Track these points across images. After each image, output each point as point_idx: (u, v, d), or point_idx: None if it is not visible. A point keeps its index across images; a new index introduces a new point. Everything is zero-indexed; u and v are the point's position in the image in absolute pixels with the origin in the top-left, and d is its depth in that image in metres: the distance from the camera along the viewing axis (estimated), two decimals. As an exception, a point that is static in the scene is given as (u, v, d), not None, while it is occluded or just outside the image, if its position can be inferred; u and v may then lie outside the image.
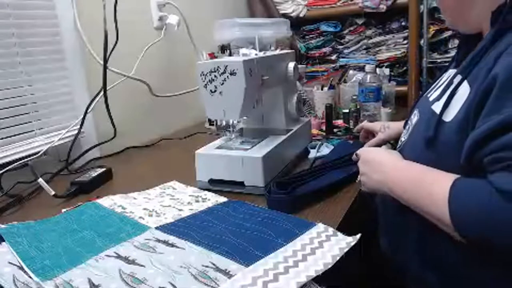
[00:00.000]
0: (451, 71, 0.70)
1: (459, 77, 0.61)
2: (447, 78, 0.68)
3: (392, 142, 1.10)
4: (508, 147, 0.49)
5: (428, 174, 0.59)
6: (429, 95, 0.70)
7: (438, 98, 0.64)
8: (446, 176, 0.55)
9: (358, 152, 0.76)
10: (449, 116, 0.59)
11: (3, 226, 0.70)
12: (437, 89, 0.69)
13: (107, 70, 1.13)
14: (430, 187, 0.56)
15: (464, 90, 0.58)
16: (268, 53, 0.94)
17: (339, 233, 0.63)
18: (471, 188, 0.52)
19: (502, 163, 0.49)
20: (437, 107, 0.62)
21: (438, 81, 0.74)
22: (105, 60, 1.11)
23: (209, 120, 1.49)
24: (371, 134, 1.09)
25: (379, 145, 1.02)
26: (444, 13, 0.72)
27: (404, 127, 0.78)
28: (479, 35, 0.65)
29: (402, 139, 0.75)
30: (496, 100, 0.51)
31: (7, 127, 0.97)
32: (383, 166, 0.67)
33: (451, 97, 0.60)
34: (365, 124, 1.14)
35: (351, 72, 1.72)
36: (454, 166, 0.56)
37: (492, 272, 0.58)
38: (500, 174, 0.50)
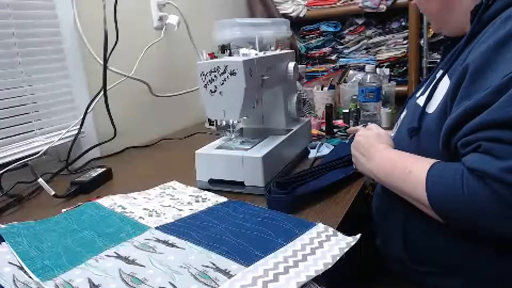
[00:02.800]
0: (439, 71, 0.73)
1: (440, 72, 0.65)
2: (436, 77, 0.71)
3: None
4: (476, 130, 0.52)
5: (409, 159, 0.63)
6: (416, 94, 0.73)
7: (423, 93, 0.68)
8: (425, 160, 0.59)
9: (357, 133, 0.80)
10: (432, 108, 0.63)
11: (3, 226, 0.70)
12: (424, 87, 0.73)
13: (107, 70, 1.13)
14: (410, 171, 0.60)
15: (445, 83, 0.62)
16: (268, 53, 0.94)
17: (339, 233, 0.63)
18: (446, 169, 0.55)
19: (472, 145, 0.53)
20: (421, 101, 0.66)
21: (425, 81, 0.77)
22: (105, 60, 1.11)
23: (209, 120, 1.49)
24: None
25: None
26: (430, 19, 0.76)
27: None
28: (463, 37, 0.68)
29: (391, 134, 0.79)
30: (466, 87, 0.55)
31: (7, 127, 0.97)
32: (368, 153, 0.71)
33: (433, 90, 0.64)
34: (359, 129, 1.15)
35: (351, 72, 1.72)
36: (435, 155, 0.60)
37: (485, 255, 0.59)
38: (471, 155, 0.53)
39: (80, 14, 1.11)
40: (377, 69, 1.51)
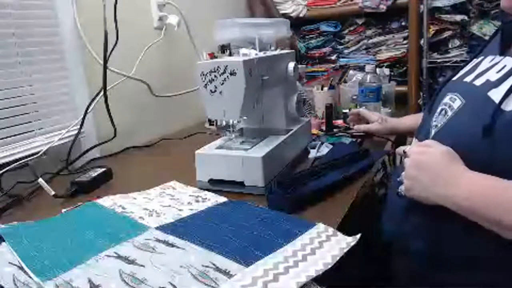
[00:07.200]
0: (492, 58, 0.68)
1: None
2: (495, 64, 0.65)
3: (392, 139, 1.12)
4: None
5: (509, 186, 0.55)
6: (467, 79, 0.67)
7: (495, 85, 0.60)
8: None
9: (407, 150, 0.68)
10: (511, 105, 0.56)
11: (3, 226, 0.70)
12: (480, 73, 0.66)
13: (107, 70, 1.13)
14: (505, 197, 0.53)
15: None
16: (268, 53, 0.94)
17: (339, 233, 0.63)
18: None
19: None
20: (494, 94, 0.59)
21: (472, 65, 0.71)
22: (105, 60, 1.11)
23: (209, 120, 1.49)
24: (363, 121, 1.12)
25: (366, 134, 1.06)
26: None
27: (430, 111, 0.74)
28: None
29: (434, 123, 0.70)
30: None
31: (7, 127, 0.97)
32: (443, 176, 0.60)
33: None
34: (362, 110, 1.15)
35: (351, 72, 1.73)
36: (511, 159, 0.55)
37: None
38: None
39: (80, 14, 1.11)
40: (377, 69, 1.51)
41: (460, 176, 0.59)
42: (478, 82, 0.64)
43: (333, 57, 2.10)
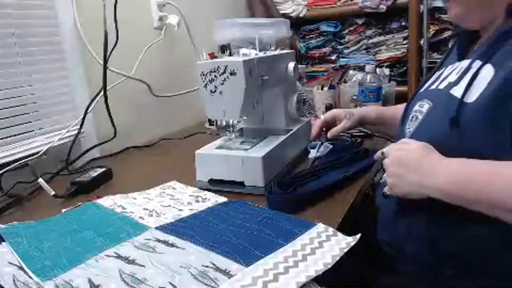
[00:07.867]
0: (451, 66, 0.71)
1: (478, 62, 0.62)
2: (454, 69, 0.69)
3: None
4: None
5: (488, 164, 0.56)
6: (433, 87, 0.70)
7: (455, 83, 0.64)
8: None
9: (385, 150, 0.69)
10: (472, 97, 0.59)
11: (3, 226, 0.70)
12: (443, 79, 0.69)
13: (107, 70, 1.13)
14: (500, 173, 0.54)
15: (487, 73, 0.59)
16: (268, 53, 0.94)
17: (339, 233, 0.63)
18: None
19: None
20: (456, 91, 0.62)
21: (437, 75, 0.74)
22: (105, 60, 1.11)
23: (209, 120, 1.50)
24: (333, 123, 1.05)
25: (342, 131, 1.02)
26: (459, 5, 0.69)
27: (402, 122, 0.76)
28: (476, 31, 0.69)
29: (407, 129, 0.72)
30: None
31: (7, 127, 0.97)
32: (423, 168, 0.61)
33: (472, 80, 0.60)
34: (326, 116, 1.05)
35: (351, 72, 1.73)
36: (478, 146, 0.57)
37: None
38: None
39: (80, 14, 1.11)
40: (377, 69, 1.51)
41: (440, 164, 0.60)
42: (441, 86, 0.68)
43: (333, 57, 2.10)
